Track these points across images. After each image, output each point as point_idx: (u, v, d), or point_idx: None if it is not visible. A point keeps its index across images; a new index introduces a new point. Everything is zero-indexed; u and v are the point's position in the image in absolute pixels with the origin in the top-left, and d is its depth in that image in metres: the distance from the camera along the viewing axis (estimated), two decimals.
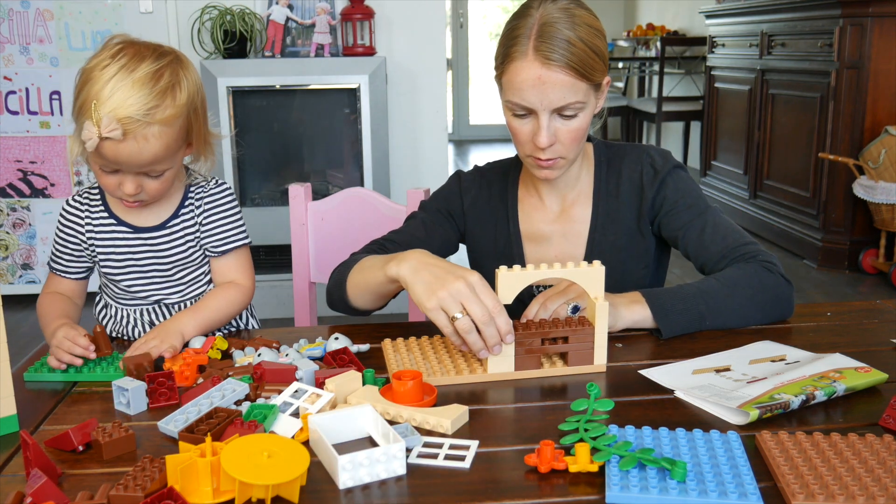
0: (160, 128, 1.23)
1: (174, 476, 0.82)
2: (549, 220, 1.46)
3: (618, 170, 1.43)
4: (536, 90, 1.23)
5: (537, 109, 1.25)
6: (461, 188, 1.50)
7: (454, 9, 8.47)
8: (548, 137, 1.26)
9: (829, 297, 3.63)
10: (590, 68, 1.25)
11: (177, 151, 1.30)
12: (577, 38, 1.23)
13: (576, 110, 1.27)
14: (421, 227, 1.48)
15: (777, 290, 1.30)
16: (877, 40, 3.74)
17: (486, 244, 1.49)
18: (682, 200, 1.39)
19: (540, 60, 1.22)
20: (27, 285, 3.75)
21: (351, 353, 1.15)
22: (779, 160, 4.49)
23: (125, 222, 1.40)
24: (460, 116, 8.78)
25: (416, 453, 0.91)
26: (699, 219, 1.38)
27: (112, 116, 1.19)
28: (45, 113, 3.58)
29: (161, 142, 1.24)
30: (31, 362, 1.22)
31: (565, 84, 1.23)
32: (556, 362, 1.15)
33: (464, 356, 1.17)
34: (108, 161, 1.24)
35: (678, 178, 1.41)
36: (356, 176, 3.47)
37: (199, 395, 1.04)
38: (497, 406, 1.05)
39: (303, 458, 0.82)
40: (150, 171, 1.28)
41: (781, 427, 0.95)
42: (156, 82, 1.23)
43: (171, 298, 1.44)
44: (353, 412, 0.95)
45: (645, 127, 7.47)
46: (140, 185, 1.28)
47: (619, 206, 1.42)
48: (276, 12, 3.42)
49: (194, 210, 1.41)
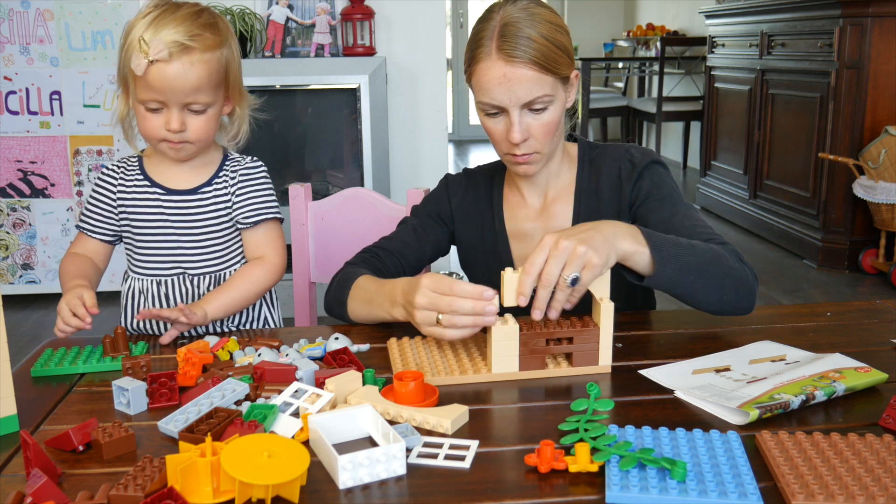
0: (202, 54, 1.31)
1: (174, 476, 0.82)
2: (531, 218, 1.48)
3: (598, 168, 1.45)
4: (503, 87, 1.27)
5: (507, 106, 1.29)
6: (449, 191, 1.53)
7: (454, 9, 8.48)
8: (520, 132, 1.29)
9: (829, 297, 3.63)
10: (553, 62, 1.28)
11: (217, 87, 1.36)
12: (537, 34, 1.27)
13: (544, 104, 1.29)
14: (412, 234, 1.50)
15: (745, 278, 1.25)
16: (877, 40, 3.74)
17: (475, 244, 1.52)
18: (657, 192, 1.39)
19: (503, 59, 1.26)
20: (27, 285, 3.75)
21: (351, 353, 1.15)
22: (779, 160, 4.49)
23: (159, 184, 1.43)
24: (460, 116, 8.79)
25: (416, 453, 0.91)
26: (669, 205, 1.37)
27: (159, 40, 1.28)
28: (45, 113, 3.58)
29: (204, 68, 1.32)
30: (34, 358, 1.23)
31: (530, 79, 1.26)
32: (560, 363, 1.15)
33: (469, 356, 1.18)
34: (154, 90, 1.30)
35: (655, 172, 1.42)
36: (356, 176, 3.47)
37: (199, 395, 1.04)
38: (497, 406, 1.05)
39: (303, 459, 0.82)
40: (194, 103, 1.33)
41: (781, 427, 0.95)
42: (197, 17, 1.33)
43: (194, 269, 1.46)
44: (353, 412, 0.95)
45: (645, 127, 7.47)
46: (184, 122, 1.34)
47: (600, 204, 1.44)
48: (276, 12, 3.42)
49: (228, 181, 1.45)
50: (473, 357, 1.17)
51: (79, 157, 3.63)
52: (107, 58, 3.55)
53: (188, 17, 1.31)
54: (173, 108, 1.32)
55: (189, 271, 1.46)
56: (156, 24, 1.29)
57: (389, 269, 1.45)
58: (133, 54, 1.29)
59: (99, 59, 3.55)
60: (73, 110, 3.57)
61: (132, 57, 1.29)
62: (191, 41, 1.30)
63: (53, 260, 3.73)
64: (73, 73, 3.55)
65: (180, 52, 1.29)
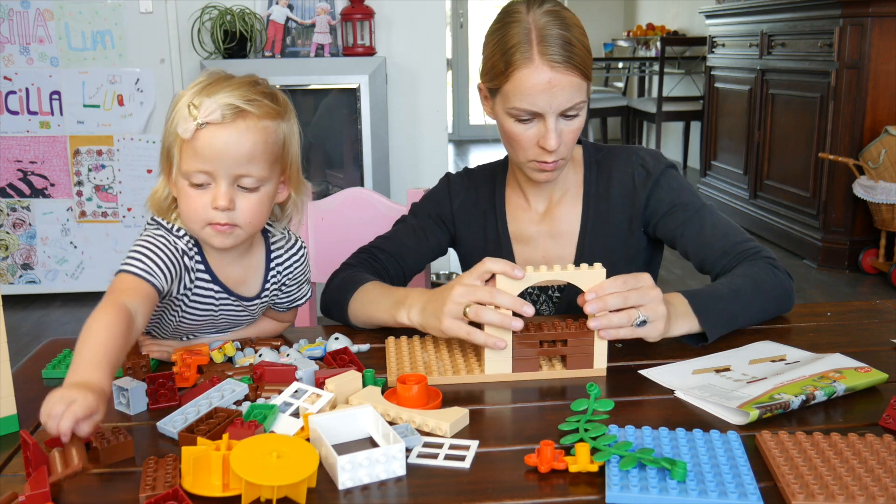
0: (259, 121, 1.14)
1: (188, 466, 0.83)
2: (534, 221, 1.46)
3: (608, 172, 1.44)
4: (546, 94, 1.25)
5: (545, 113, 1.27)
6: (450, 191, 1.51)
7: (454, 9, 8.48)
8: (556, 140, 1.28)
9: (829, 297, 3.63)
10: (588, 67, 1.28)
11: (273, 163, 1.17)
12: (573, 38, 1.26)
13: (578, 110, 1.29)
14: (411, 234, 1.48)
15: (783, 286, 1.31)
16: (877, 40, 3.74)
17: (476, 246, 1.49)
18: (678, 200, 1.39)
19: (548, 64, 1.24)
20: (27, 285, 3.75)
21: (351, 353, 1.15)
22: (779, 160, 4.49)
23: (223, 284, 1.24)
24: (460, 116, 8.78)
25: (415, 453, 0.91)
26: (696, 217, 1.38)
27: (212, 101, 1.12)
28: (45, 113, 3.58)
29: (261, 136, 1.14)
30: (35, 358, 1.22)
31: (573, 85, 1.26)
32: (555, 365, 1.14)
33: (464, 356, 1.17)
34: (202, 158, 1.12)
35: (671, 178, 1.41)
36: (356, 176, 3.47)
37: (199, 395, 1.04)
38: (497, 406, 1.05)
39: (311, 461, 0.82)
40: (246, 176, 1.14)
41: (781, 427, 0.95)
42: (255, 84, 1.18)
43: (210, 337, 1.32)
44: (353, 412, 0.95)
45: (645, 127, 7.47)
46: (233, 199, 1.14)
47: (610, 209, 1.42)
48: (276, 12, 3.42)
49: (276, 281, 1.30)
50: (468, 357, 1.17)
51: (79, 157, 3.63)
52: (106, 58, 3.55)
53: (245, 84, 1.16)
54: (222, 181, 1.13)
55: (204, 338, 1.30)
56: (209, 89, 1.14)
57: (389, 272, 1.44)
58: (180, 119, 1.12)
59: (99, 59, 3.55)
60: (73, 110, 3.57)
61: (179, 122, 1.12)
62: (247, 105, 1.13)
63: (53, 260, 3.73)
64: (73, 73, 3.55)
65: (234, 116, 1.12)
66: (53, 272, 3.74)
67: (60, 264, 3.74)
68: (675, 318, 1.17)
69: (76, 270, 3.75)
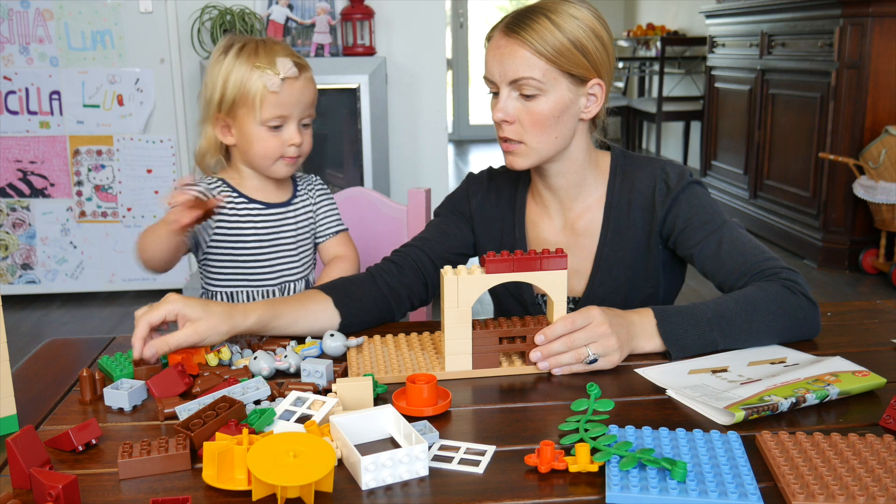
0: (309, 72, 1.49)
1: (210, 460, 0.83)
2: (555, 231, 1.42)
3: (631, 182, 1.38)
4: (496, 60, 1.28)
5: (496, 81, 1.29)
6: (468, 191, 1.49)
7: (454, 9, 8.47)
8: (502, 110, 1.28)
9: (829, 297, 3.63)
10: (559, 54, 1.25)
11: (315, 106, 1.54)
12: (552, 24, 1.25)
13: (534, 90, 1.26)
14: (436, 230, 1.47)
15: (800, 312, 1.21)
16: (877, 40, 3.74)
17: (493, 248, 1.46)
18: (696, 217, 1.33)
19: (504, 32, 1.28)
20: (27, 285, 3.75)
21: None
22: (779, 160, 4.49)
23: (257, 199, 1.53)
24: (460, 116, 8.78)
25: (432, 454, 0.90)
26: (714, 235, 1.31)
27: (283, 61, 1.43)
28: (45, 113, 3.58)
29: (313, 85, 1.51)
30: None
31: (521, 57, 1.25)
32: (514, 361, 1.15)
33: (425, 355, 1.18)
34: (283, 106, 1.44)
35: (692, 195, 1.35)
36: (356, 176, 3.47)
37: (219, 391, 1.03)
38: (497, 406, 1.05)
39: (327, 461, 0.82)
40: (308, 117, 1.49)
41: (782, 427, 0.95)
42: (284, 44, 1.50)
43: (294, 276, 1.57)
44: (374, 413, 0.94)
45: (645, 127, 7.47)
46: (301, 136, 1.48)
47: (630, 222, 1.38)
48: (276, 12, 3.42)
49: (309, 196, 1.60)
50: (430, 356, 1.18)
51: (78, 157, 3.63)
52: (106, 58, 3.55)
53: (281, 45, 1.47)
54: (292, 123, 1.47)
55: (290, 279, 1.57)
56: (264, 52, 1.44)
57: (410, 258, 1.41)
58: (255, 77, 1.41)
59: (98, 59, 3.55)
60: (73, 110, 3.57)
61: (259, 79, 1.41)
62: (300, 60, 1.47)
63: (53, 260, 3.73)
64: (73, 72, 3.55)
65: (300, 70, 1.46)
66: (53, 272, 3.74)
67: (60, 264, 3.74)
68: (637, 339, 1.17)
69: (76, 270, 3.75)
